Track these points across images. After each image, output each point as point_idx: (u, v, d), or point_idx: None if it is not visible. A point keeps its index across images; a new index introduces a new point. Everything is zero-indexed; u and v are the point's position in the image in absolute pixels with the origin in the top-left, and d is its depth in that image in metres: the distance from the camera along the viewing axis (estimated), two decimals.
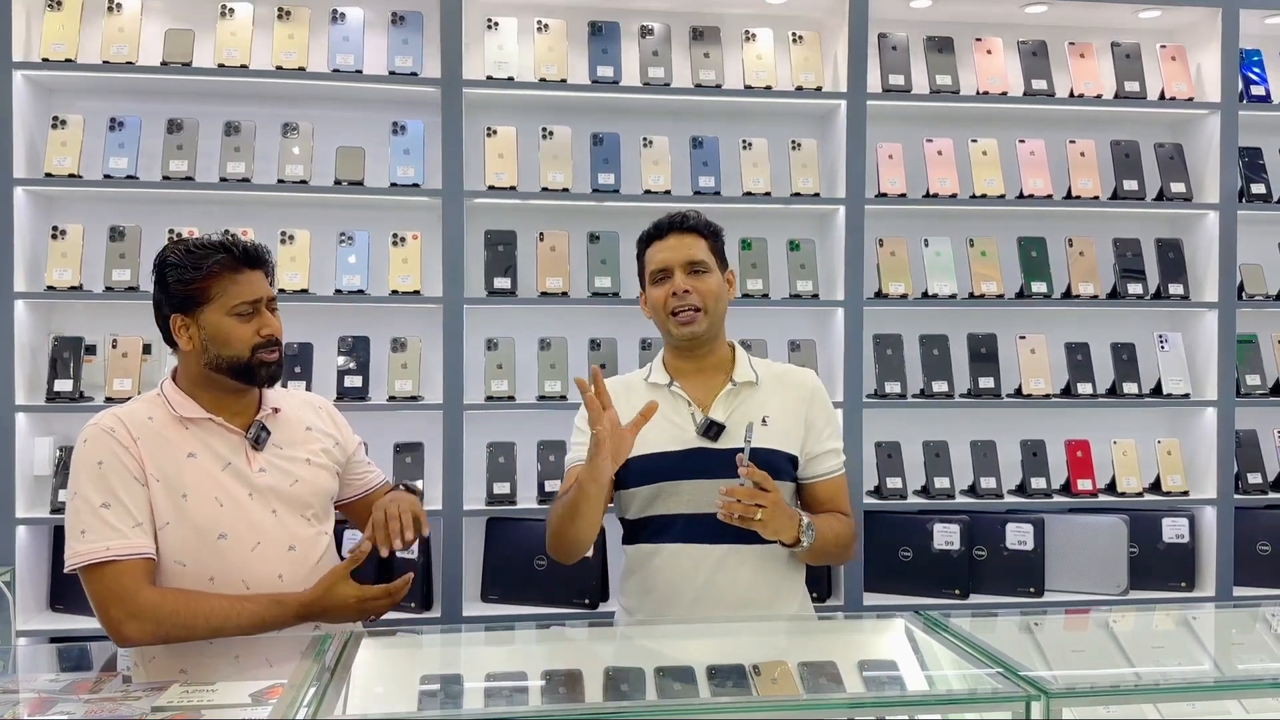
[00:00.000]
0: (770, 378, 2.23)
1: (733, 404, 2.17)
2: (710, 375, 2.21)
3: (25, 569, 3.19)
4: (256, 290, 1.98)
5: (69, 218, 3.33)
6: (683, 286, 2.14)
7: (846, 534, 2.20)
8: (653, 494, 2.16)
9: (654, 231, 2.22)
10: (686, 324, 2.15)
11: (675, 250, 2.17)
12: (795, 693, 1.77)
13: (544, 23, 3.46)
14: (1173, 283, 3.68)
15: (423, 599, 3.33)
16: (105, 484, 1.89)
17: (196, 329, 1.95)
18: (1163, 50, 3.72)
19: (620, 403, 2.16)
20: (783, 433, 2.17)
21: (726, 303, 2.22)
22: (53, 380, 3.23)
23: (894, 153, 3.60)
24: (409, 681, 1.84)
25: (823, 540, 2.08)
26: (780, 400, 2.20)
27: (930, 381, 3.57)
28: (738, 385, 2.19)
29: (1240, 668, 2.16)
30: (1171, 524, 3.60)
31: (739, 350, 2.28)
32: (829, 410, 2.25)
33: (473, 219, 3.45)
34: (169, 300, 1.96)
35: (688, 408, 2.17)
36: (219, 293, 1.95)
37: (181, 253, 1.96)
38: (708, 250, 2.20)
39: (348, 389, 3.32)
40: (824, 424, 2.22)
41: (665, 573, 2.15)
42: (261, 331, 1.97)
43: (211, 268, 1.94)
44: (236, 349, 1.96)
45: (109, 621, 1.87)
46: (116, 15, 3.27)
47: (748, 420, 2.10)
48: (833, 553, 2.18)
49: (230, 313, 1.95)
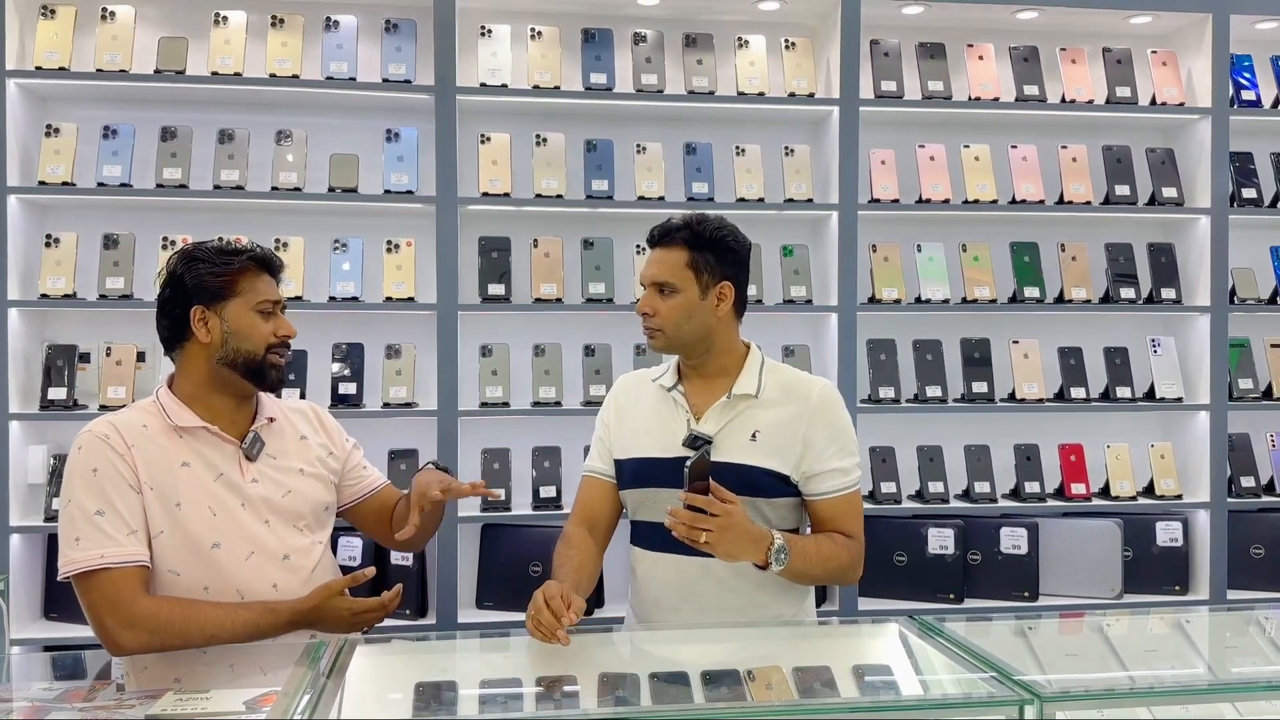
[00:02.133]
0: (776, 389, 2.14)
1: (727, 416, 2.12)
2: (713, 383, 2.17)
3: (19, 577, 3.19)
4: (277, 293, 2.06)
5: (63, 226, 3.33)
6: (644, 307, 2.13)
7: (842, 557, 2.08)
8: (639, 498, 2.16)
9: (650, 237, 2.18)
10: (650, 338, 2.16)
11: (651, 265, 2.14)
12: (790, 698, 1.77)
13: (537, 30, 3.47)
14: (1165, 287, 3.70)
15: (417, 606, 3.33)
16: (100, 491, 1.89)
17: (218, 321, 1.98)
18: (1154, 55, 3.74)
19: (632, 396, 2.22)
20: (772, 449, 2.09)
21: (703, 321, 2.11)
22: (46, 388, 3.22)
23: (887, 158, 3.61)
24: (404, 688, 1.84)
25: (803, 563, 1.99)
26: (778, 415, 2.11)
27: (924, 386, 3.58)
28: (734, 398, 2.13)
29: (1234, 671, 2.16)
30: (1165, 528, 3.61)
31: (751, 357, 2.18)
32: (835, 426, 2.12)
33: (467, 226, 3.45)
34: (192, 292, 1.98)
35: (684, 415, 2.15)
36: (246, 288, 2.00)
37: (210, 250, 2.01)
38: (684, 265, 2.10)
39: (342, 396, 3.32)
40: (826, 442, 2.10)
41: (651, 579, 2.15)
42: (278, 332, 2.03)
43: (244, 263, 2.01)
44: (255, 344, 2.00)
45: (103, 630, 1.87)
46: (110, 24, 3.28)
47: (736, 434, 2.10)
48: (820, 575, 2.09)
49: (254, 308, 2.00)
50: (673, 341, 2.14)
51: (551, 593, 1.85)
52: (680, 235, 2.12)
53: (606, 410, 2.26)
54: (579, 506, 2.24)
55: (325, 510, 2.13)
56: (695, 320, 2.11)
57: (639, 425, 2.18)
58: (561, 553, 2.12)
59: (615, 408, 2.24)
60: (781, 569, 1.96)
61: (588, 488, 2.24)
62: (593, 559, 2.15)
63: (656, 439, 2.14)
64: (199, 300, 1.98)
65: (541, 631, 1.82)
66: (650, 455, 2.14)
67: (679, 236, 2.12)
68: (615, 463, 2.21)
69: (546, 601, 1.83)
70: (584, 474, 2.26)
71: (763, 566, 1.97)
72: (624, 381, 2.30)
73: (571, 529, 2.19)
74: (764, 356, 2.21)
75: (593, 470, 2.24)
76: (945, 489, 3.57)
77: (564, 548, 2.13)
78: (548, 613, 1.82)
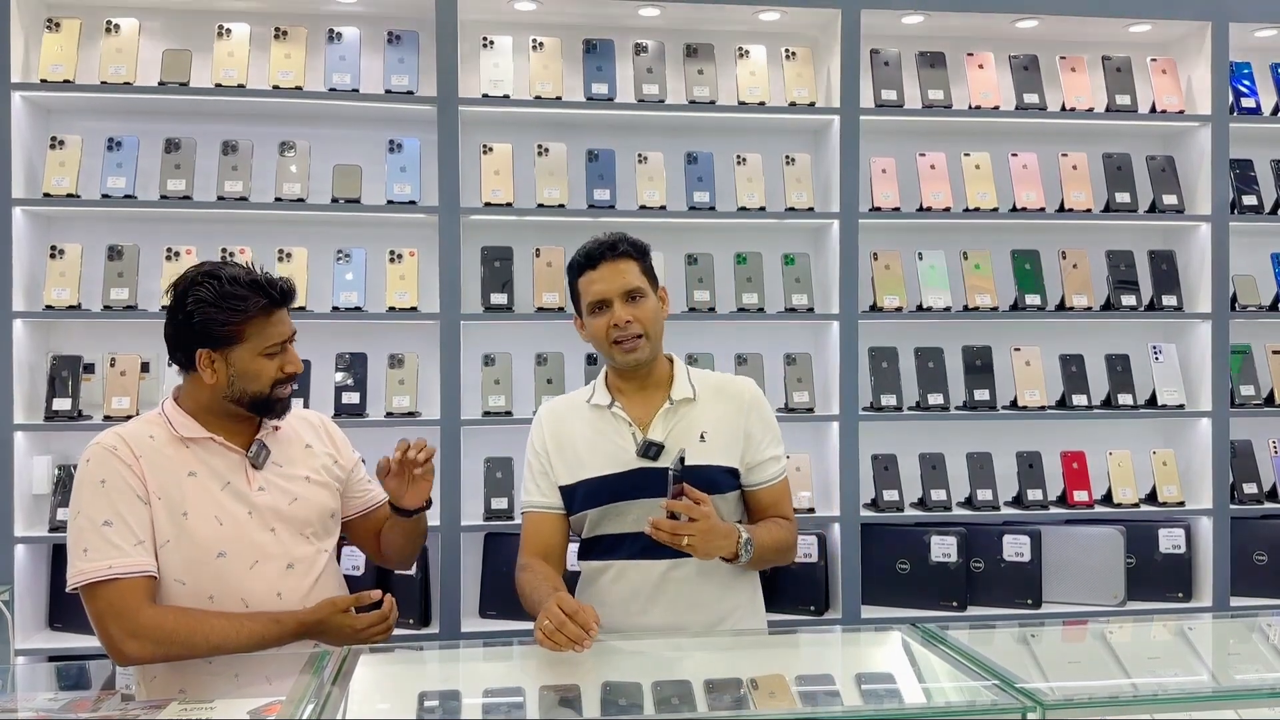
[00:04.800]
0: (708, 391, 2.25)
1: (671, 421, 2.20)
2: (650, 394, 2.23)
3: (24, 588, 3.19)
4: (285, 330, 2.03)
5: (67, 237, 3.34)
6: (624, 317, 2.15)
7: (787, 539, 2.24)
8: (600, 515, 2.19)
9: (585, 260, 2.20)
10: (630, 351, 2.16)
11: (610, 280, 2.16)
12: (793, 706, 1.77)
13: (539, 41, 3.48)
14: (1166, 294, 3.70)
15: (421, 615, 3.33)
16: (108, 502, 1.90)
17: (224, 365, 1.97)
18: (1153, 63, 3.75)
19: (564, 423, 2.24)
20: (721, 447, 2.19)
21: (662, 325, 2.23)
22: (51, 399, 3.23)
23: (887, 167, 3.62)
24: (407, 697, 1.85)
25: (762, 550, 2.12)
26: (718, 414, 2.22)
27: (926, 394, 3.58)
28: (675, 403, 2.21)
29: (1237, 677, 2.16)
30: (1168, 535, 3.61)
31: (678, 365, 2.28)
32: (767, 419, 2.27)
33: (469, 235, 3.46)
34: (197, 336, 1.95)
35: (628, 428, 2.19)
36: (254, 334, 1.97)
37: (215, 292, 1.93)
38: (640, 273, 2.19)
39: (345, 405, 3.33)
40: (762, 433, 2.24)
41: (616, 586, 2.19)
42: (285, 368, 2.02)
43: (250, 311, 1.95)
44: (261, 385, 1.99)
45: (108, 640, 1.88)
46: (114, 36, 3.29)
47: (684, 438, 2.15)
48: (772, 559, 2.23)
49: (262, 353, 1.98)
50: (654, 347, 2.20)
51: (572, 606, 1.88)
52: (624, 248, 2.20)
53: (538, 442, 2.26)
54: (528, 542, 2.24)
55: (331, 518, 2.14)
56: (660, 323, 2.22)
57: (579, 448, 2.21)
58: (529, 580, 2.12)
59: (549, 438, 2.24)
60: (749, 559, 2.08)
61: (537, 522, 2.24)
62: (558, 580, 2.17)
63: (603, 456, 2.18)
64: (205, 344, 1.95)
65: (557, 641, 1.84)
66: (601, 474, 2.18)
67: (623, 249, 2.19)
68: (561, 490, 2.22)
69: (571, 615, 1.86)
70: (525, 511, 2.26)
71: (732, 558, 2.08)
72: (549, 410, 2.30)
73: (528, 559, 2.20)
74: (684, 364, 2.30)
75: (540, 506, 2.24)
76: (947, 496, 3.57)
77: (529, 575, 2.14)
78: (573, 626, 1.85)
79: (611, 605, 2.17)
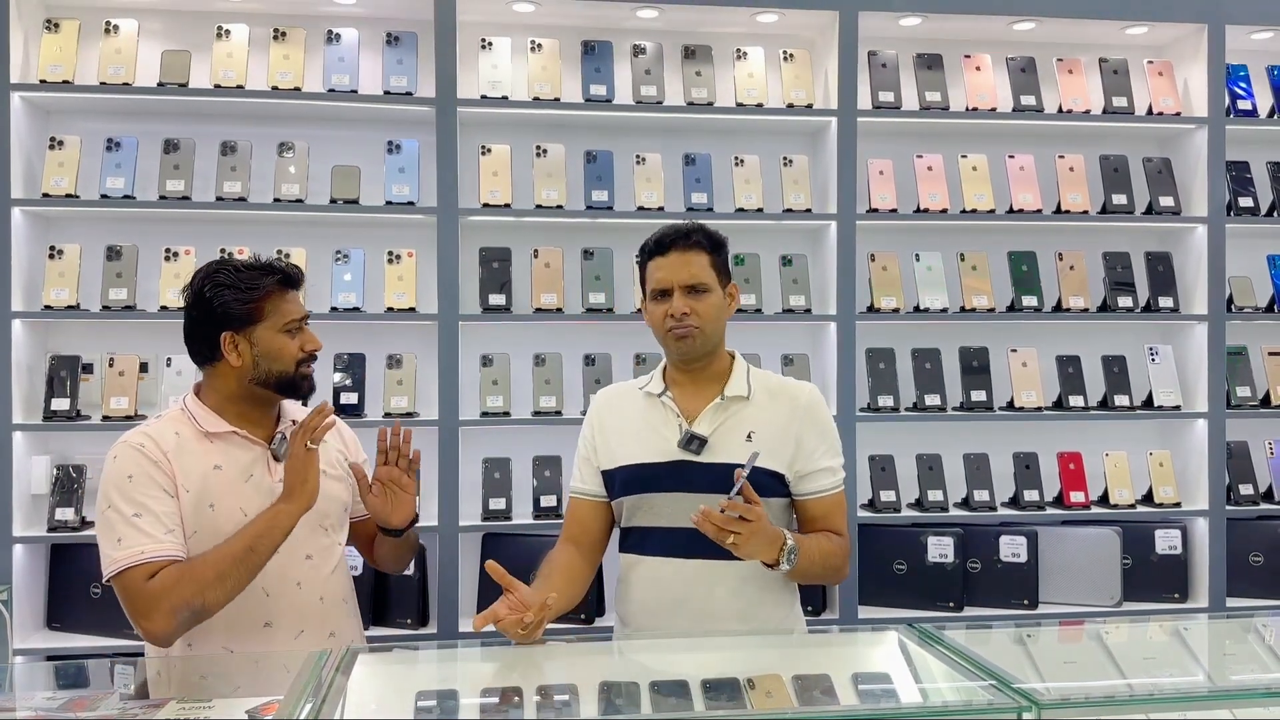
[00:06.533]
0: (763, 392, 2.19)
1: (720, 418, 2.15)
2: (704, 387, 2.19)
3: (22, 587, 3.19)
4: (300, 309, 2.10)
5: (66, 238, 3.34)
6: (681, 309, 2.11)
7: (837, 555, 2.15)
8: (634, 505, 2.17)
9: (655, 246, 2.17)
10: (682, 338, 2.13)
11: (676, 269, 2.13)
12: (789, 706, 1.78)
13: (537, 42, 3.49)
14: (1162, 295, 3.71)
15: (419, 615, 3.33)
16: (136, 496, 1.94)
17: (248, 345, 2.03)
18: (1150, 66, 3.76)
19: (615, 408, 2.21)
20: (767, 450, 2.10)
21: (726, 319, 2.19)
22: (50, 399, 3.24)
23: (885, 168, 3.63)
24: (405, 698, 1.85)
25: (808, 562, 2.05)
26: (769, 416, 2.16)
27: (923, 395, 3.59)
28: (726, 399, 2.16)
29: (1233, 678, 2.16)
30: (1164, 535, 3.62)
31: (738, 362, 2.23)
32: (824, 427, 2.19)
33: (467, 236, 3.47)
34: (221, 318, 2.01)
35: (675, 419, 2.16)
36: (272, 310, 2.04)
37: (233, 274, 2.03)
38: (709, 266, 2.14)
39: (343, 406, 3.34)
40: (816, 442, 2.16)
41: (645, 583, 2.16)
42: (305, 346, 2.08)
43: (267, 286, 2.03)
44: (285, 363, 2.05)
45: (136, 623, 1.92)
46: (114, 37, 3.30)
47: (730, 435, 2.12)
48: (819, 574, 2.15)
49: (282, 329, 2.05)
50: (708, 341, 2.16)
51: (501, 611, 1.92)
52: (697, 238, 2.15)
53: (589, 426, 2.26)
54: (568, 525, 2.26)
55: (344, 510, 2.20)
56: (721, 320, 2.17)
57: (626, 433, 2.19)
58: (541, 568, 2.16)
59: (598, 421, 2.25)
60: (790, 568, 2.01)
61: (575, 508, 2.26)
62: (570, 574, 2.17)
63: (647, 445, 2.16)
64: (228, 326, 2.02)
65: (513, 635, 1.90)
66: (642, 461, 2.15)
67: (696, 239, 2.15)
68: (604, 475, 2.21)
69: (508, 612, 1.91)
70: (571, 495, 2.28)
71: (773, 565, 2.01)
72: (605, 395, 2.30)
73: (556, 549, 2.22)
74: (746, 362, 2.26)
75: (579, 491, 2.25)
76: (944, 497, 3.57)
77: (544, 565, 2.17)
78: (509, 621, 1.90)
79: (638, 603, 2.17)
